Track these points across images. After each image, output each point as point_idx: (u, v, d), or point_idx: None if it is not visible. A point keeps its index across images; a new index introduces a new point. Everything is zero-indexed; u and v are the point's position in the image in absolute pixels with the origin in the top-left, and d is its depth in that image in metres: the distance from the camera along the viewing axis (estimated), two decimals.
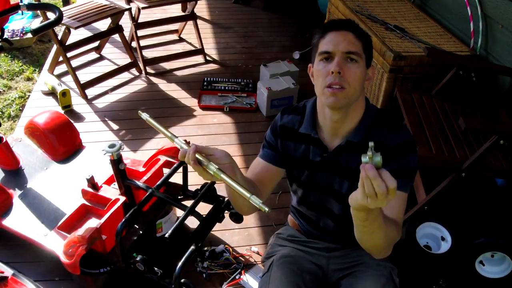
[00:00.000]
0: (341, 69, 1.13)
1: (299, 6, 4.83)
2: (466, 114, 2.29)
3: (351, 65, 1.14)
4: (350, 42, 1.14)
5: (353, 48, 1.14)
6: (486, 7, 2.56)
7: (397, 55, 2.45)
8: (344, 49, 1.13)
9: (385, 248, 1.13)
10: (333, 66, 1.13)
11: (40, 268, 1.94)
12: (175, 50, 3.81)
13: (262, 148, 1.36)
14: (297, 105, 1.35)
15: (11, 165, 2.16)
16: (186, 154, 0.99)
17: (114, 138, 2.83)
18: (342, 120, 1.22)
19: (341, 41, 1.14)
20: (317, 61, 1.19)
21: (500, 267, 1.93)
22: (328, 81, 1.14)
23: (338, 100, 1.15)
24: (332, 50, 1.14)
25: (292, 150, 1.31)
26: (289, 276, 1.30)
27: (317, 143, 1.27)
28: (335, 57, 1.14)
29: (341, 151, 1.25)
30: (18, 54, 3.82)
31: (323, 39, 1.18)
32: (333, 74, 1.13)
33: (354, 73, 1.14)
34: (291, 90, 3.04)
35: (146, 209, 1.92)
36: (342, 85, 1.13)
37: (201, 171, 0.99)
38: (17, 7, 1.88)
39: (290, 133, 1.31)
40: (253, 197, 0.92)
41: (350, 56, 1.14)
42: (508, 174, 1.94)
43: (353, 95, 1.16)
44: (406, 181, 1.18)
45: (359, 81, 1.15)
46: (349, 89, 1.14)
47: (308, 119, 1.28)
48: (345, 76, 1.13)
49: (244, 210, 1.25)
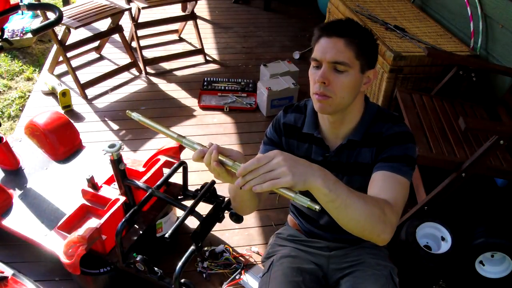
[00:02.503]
0: (325, 79, 1.11)
1: (299, 6, 4.83)
2: (466, 114, 2.29)
3: (338, 75, 1.12)
4: (338, 51, 1.11)
5: (341, 57, 1.11)
6: (486, 7, 2.56)
7: (397, 55, 2.45)
8: (331, 59, 1.11)
9: (373, 227, 0.97)
10: (318, 75, 1.13)
11: (40, 268, 1.94)
12: (175, 50, 3.81)
13: (263, 145, 1.35)
14: (298, 104, 1.35)
15: (11, 165, 2.16)
16: (206, 155, 0.91)
17: (114, 138, 2.83)
18: (340, 122, 1.23)
19: (329, 50, 1.11)
20: (311, 65, 1.18)
21: (500, 267, 1.93)
22: (315, 89, 1.15)
23: (324, 107, 1.15)
24: (320, 58, 1.13)
25: (296, 148, 1.32)
26: (289, 276, 1.30)
27: (319, 143, 1.28)
28: (322, 65, 1.13)
29: (343, 150, 1.26)
30: (18, 54, 3.82)
31: (317, 43, 1.16)
32: (318, 84, 1.13)
33: (341, 83, 1.12)
34: (291, 90, 3.04)
35: (146, 209, 1.92)
36: (326, 94, 1.13)
37: (222, 172, 0.92)
38: (17, 7, 1.88)
39: (294, 131, 1.32)
40: (298, 195, 0.83)
41: (337, 66, 1.11)
42: (508, 174, 1.94)
43: (341, 103, 1.15)
44: (406, 166, 1.14)
45: (347, 89, 1.13)
46: (335, 98, 1.13)
47: (310, 118, 1.29)
48: (331, 85, 1.12)
49: (246, 210, 1.23)
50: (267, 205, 2.34)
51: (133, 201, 1.88)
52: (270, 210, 2.32)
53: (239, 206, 1.20)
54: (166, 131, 1.00)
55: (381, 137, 1.21)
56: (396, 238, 2.04)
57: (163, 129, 1.01)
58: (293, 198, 0.83)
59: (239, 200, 1.17)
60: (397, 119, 1.24)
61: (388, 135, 1.20)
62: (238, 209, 1.23)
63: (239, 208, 1.22)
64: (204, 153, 0.92)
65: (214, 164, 0.90)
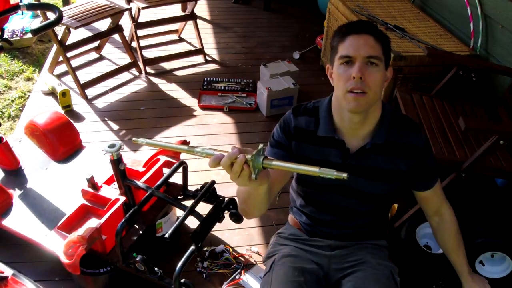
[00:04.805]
0: (362, 74, 1.14)
1: (299, 6, 4.83)
2: (466, 114, 2.29)
3: (372, 69, 1.15)
4: (371, 46, 1.15)
5: (374, 52, 1.15)
6: (486, 7, 2.56)
7: (397, 55, 2.45)
8: (365, 54, 1.14)
9: None
10: (354, 71, 1.14)
11: (40, 268, 1.94)
12: (175, 50, 3.81)
13: (270, 147, 1.34)
14: (305, 105, 1.34)
15: (11, 165, 2.16)
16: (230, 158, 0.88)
17: (114, 138, 2.83)
18: (361, 122, 1.24)
19: (362, 45, 1.15)
20: (337, 65, 1.19)
21: (500, 267, 1.93)
22: (349, 86, 1.15)
23: (360, 105, 1.17)
24: (353, 55, 1.15)
25: (311, 152, 1.30)
26: (290, 276, 1.30)
27: (339, 146, 1.27)
28: (356, 61, 1.15)
29: (364, 153, 1.26)
30: (18, 54, 3.82)
31: (343, 42, 1.18)
32: (355, 79, 1.14)
33: (375, 77, 1.15)
34: (291, 90, 3.04)
35: (146, 209, 1.92)
36: (363, 89, 1.14)
37: (244, 174, 0.89)
38: (17, 7, 1.88)
39: (306, 135, 1.30)
40: (323, 169, 0.83)
41: (371, 60, 1.15)
42: (508, 174, 1.94)
43: (374, 99, 1.18)
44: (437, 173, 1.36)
45: (379, 84, 1.17)
46: (370, 94, 1.16)
47: (326, 121, 1.28)
48: (366, 80, 1.14)
49: (255, 213, 1.22)
50: None
51: (133, 201, 1.88)
52: (270, 210, 2.32)
53: (250, 208, 1.18)
54: (176, 147, 0.99)
55: (418, 150, 1.28)
56: (396, 238, 2.04)
57: (173, 145, 0.99)
58: (318, 173, 0.83)
59: (252, 202, 1.15)
60: (417, 126, 1.32)
61: (423, 147, 1.29)
62: (247, 211, 1.21)
63: (248, 210, 1.20)
64: (220, 158, 0.90)
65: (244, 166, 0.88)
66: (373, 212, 1.37)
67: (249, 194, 1.13)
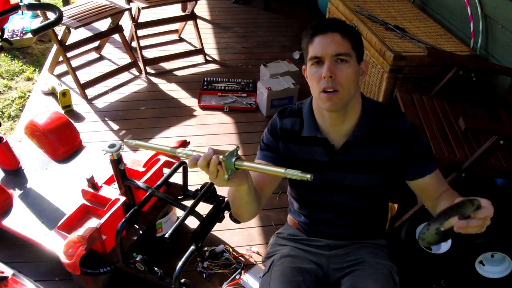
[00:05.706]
0: (332, 72, 1.14)
1: (299, 6, 4.83)
2: (466, 114, 2.29)
3: (341, 66, 1.15)
4: (338, 44, 1.15)
5: (342, 49, 1.15)
6: (486, 7, 2.56)
7: (397, 55, 2.45)
8: (333, 52, 1.15)
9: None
10: (324, 70, 1.15)
11: (40, 268, 1.94)
12: (175, 50, 3.81)
13: (260, 151, 1.35)
14: (291, 107, 1.36)
15: (11, 165, 2.16)
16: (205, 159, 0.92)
17: (114, 138, 2.83)
18: (342, 119, 1.24)
19: (329, 44, 1.15)
20: (309, 65, 1.21)
21: (500, 267, 1.93)
22: (322, 86, 1.16)
23: (335, 104, 1.17)
24: (321, 55, 1.16)
25: (298, 153, 1.31)
26: (289, 276, 1.30)
27: (323, 144, 1.28)
28: (325, 61, 1.15)
29: (349, 147, 1.26)
30: (18, 54, 3.82)
31: (311, 43, 1.19)
32: (326, 79, 1.15)
33: (346, 74, 1.15)
34: (291, 90, 3.04)
35: (146, 209, 1.93)
36: (335, 88, 1.15)
37: (221, 175, 0.93)
38: (17, 7, 1.88)
39: (292, 136, 1.31)
40: (289, 170, 0.87)
41: (340, 57, 1.15)
42: (508, 174, 1.94)
43: (348, 96, 1.18)
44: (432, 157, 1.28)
45: (352, 80, 1.17)
46: (343, 91, 1.16)
47: (309, 120, 1.29)
48: (337, 78, 1.15)
49: (245, 215, 1.22)
50: (267, 205, 2.33)
51: (133, 201, 1.88)
52: (270, 210, 2.32)
53: (238, 210, 1.19)
54: (161, 148, 1.07)
55: (401, 134, 1.25)
56: (396, 238, 2.04)
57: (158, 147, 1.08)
58: (284, 174, 0.87)
59: (238, 203, 1.15)
60: (400, 112, 1.30)
61: (406, 131, 1.25)
62: (237, 213, 1.22)
63: (237, 212, 1.21)
64: (197, 159, 0.94)
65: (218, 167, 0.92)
66: (368, 207, 1.36)
67: (234, 195, 1.14)
